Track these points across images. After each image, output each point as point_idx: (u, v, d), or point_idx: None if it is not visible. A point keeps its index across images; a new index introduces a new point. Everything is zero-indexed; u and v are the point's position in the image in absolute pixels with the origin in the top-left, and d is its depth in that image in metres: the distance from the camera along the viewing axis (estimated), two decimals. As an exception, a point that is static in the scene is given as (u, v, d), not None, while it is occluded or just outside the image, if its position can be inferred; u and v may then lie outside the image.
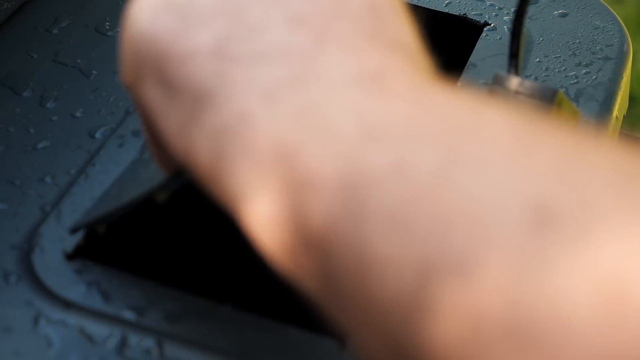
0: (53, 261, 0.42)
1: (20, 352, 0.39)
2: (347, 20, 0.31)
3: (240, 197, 0.29)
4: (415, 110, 0.28)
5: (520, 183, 0.24)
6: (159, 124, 0.32)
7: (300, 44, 0.31)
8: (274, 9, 0.32)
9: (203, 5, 0.32)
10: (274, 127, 0.29)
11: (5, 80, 0.54)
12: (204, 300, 0.41)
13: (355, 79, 0.29)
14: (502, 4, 0.62)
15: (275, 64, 0.30)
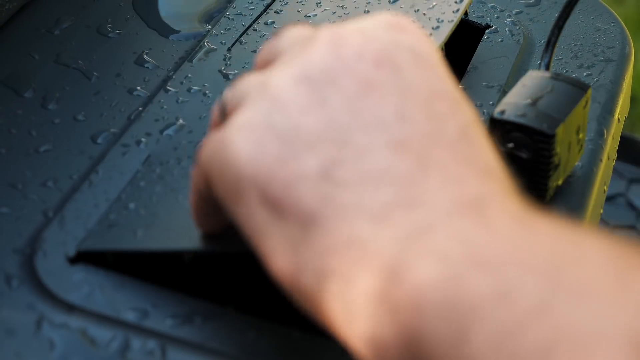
0: (56, 265, 0.42)
1: (23, 355, 0.39)
2: (443, 145, 0.33)
3: (347, 316, 0.31)
4: (517, 240, 0.29)
5: (620, 315, 0.26)
6: (259, 240, 0.33)
7: (404, 168, 0.32)
8: (375, 134, 0.33)
9: (307, 131, 0.33)
10: (383, 249, 0.30)
11: (6, 80, 0.54)
12: (207, 303, 0.41)
13: (458, 206, 0.31)
14: (504, 6, 0.62)
15: (382, 187, 0.32)
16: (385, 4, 0.58)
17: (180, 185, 0.46)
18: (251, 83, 0.37)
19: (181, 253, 0.41)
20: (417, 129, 0.33)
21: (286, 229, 0.32)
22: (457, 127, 0.34)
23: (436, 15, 0.56)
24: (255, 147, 0.33)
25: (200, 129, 0.50)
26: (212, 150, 0.36)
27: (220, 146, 0.35)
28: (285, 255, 0.32)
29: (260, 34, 0.57)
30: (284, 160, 0.33)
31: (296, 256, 0.32)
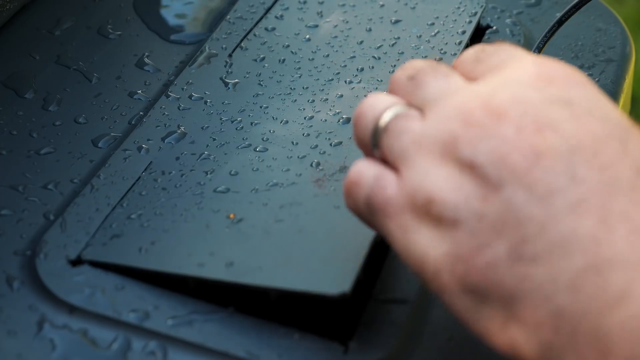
0: (57, 267, 0.43)
1: (24, 356, 0.39)
2: (622, 193, 0.33)
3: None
4: None
5: None
6: (470, 322, 0.35)
7: (588, 230, 0.32)
8: (552, 202, 0.33)
9: (486, 223, 0.34)
10: (588, 317, 0.31)
11: (7, 81, 0.54)
12: (207, 303, 0.41)
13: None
14: (504, 7, 0.62)
15: (570, 255, 0.32)
16: (387, 23, 0.58)
17: (183, 200, 0.46)
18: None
19: (185, 278, 0.42)
20: (591, 184, 0.33)
21: (492, 310, 0.34)
22: (630, 168, 0.33)
23: (439, 44, 0.56)
24: (443, 247, 0.35)
25: (202, 140, 0.50)
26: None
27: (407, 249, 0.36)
28: (500, 333, 0.34)
29: (261, 40, 0.57)
30: (475, 251, 0.34)
31: (509, 332, 0.34)
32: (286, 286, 0.40)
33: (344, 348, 0.40)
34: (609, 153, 0.33)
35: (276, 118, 0.51)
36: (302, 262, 0.41)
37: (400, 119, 0.37)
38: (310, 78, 0.54)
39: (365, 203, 0.37)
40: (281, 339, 0.40)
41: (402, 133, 0.36)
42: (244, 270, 0.41)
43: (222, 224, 0.44)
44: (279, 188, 0.46)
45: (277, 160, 0.48)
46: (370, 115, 0.38)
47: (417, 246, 0.35)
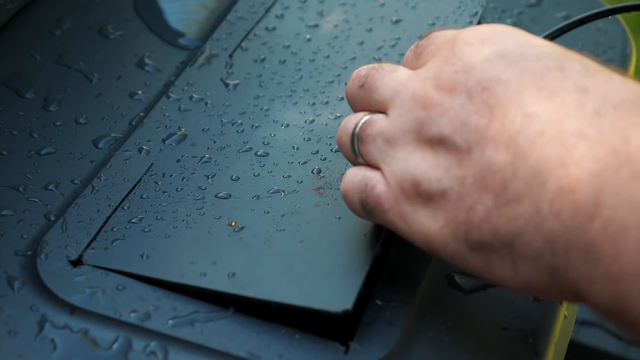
0: (58, 267, 0.43)
1: (25, 356, 0.39)
2: (572, 114, 0.35)
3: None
4: None
5: None
6: (488, 276, 0.38)
7: (552, 156, 0.35)
8: (512, 144, 0.36)
9: (468, 184, 0.37)
10: (575, 232, 0.33)
11: (8, 81, 0.54)
12: (208, 304, 0.41)
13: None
14: (505, 7, 0.62)
15: (544, 183, 0.35)
16: (387, 23, 0.58)
17: (184, 205, 0.46)
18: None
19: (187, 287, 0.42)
20: (544, 116, 0.36)
21: (500, 258, 0.37)
22: (573, 90, 0.36)
23: None
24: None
25: (203, 142, 0.50)
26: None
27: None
28: (514, 277, 0.37)
29: (262, 40, 0.57)
30: (469, 210, 0.37)
31: (520, 272, 0.36)
32: (288, 301, 0.40)
33: (344, 348, 0.40)
34: (550, 83, 0.36)
35: (277, 121, 0.51)
36: (303, 275, 0.41)
37: (368, 126, 0.41)
38: (311, 80, 0.54)
39: (362, 206, 0.41)
40: (282, 339, 0.40)
41: (374, 137, 0.40)
42: (246, 282, 0.41)
43: (223, 232, 0.44)
44: (280, 195, 0.46)
45: (278, 165, 0.48)
46: (345, 134, 0.42)
47: (419, 227, 0.39)
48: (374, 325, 0.41)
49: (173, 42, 0.58)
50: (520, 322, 0.43)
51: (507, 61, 0.37)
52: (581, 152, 0.34)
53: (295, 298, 0.40)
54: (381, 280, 0.43)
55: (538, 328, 0.43)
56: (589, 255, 0.33)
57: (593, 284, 0.33)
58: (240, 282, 0.41)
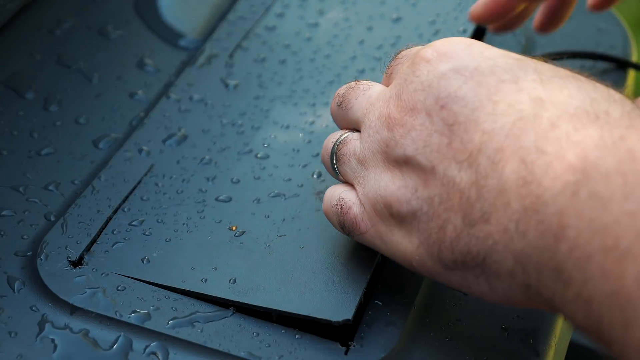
0: (58, 267, 0.43)
1: (26, 356, 0.39)
2: (528, 128, 0.35)
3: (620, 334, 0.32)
4: None
5: None
6: (467, 291, 0.38)
7: (513, 174, 0.35)
8: (473, 163, 0.36)
9: (436, 204, 0.37)
10: (545, 253, 0.33)
11: (8, 81, 0.54)
12: (208, 304, 0.41)
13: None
14: (505, 6, 0.62)
15: (508, 202, 0.35)
16: (388, 22, 0.58)
17: (185, 208, 0.46)
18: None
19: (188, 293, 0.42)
20: (501, 132, 0.36)
21: (475, 276, 0.37)
22: (528, 101, 0.36)
23: None
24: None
25: (203, 143, 0.50)
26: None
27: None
28: (491, 292, 0.37)
29: (262, 39, 0.57)
30: (439, 230, 0.37)
31: (496, 288, 0.36)
32: (288, 310, 0.40)
33: (345, 349, 0.40)
34: (505, 98, 0.36)
35: (277, 122, 0.51)
36: (304, 283, 0.41)
37: (343, 146, 0.42)
38: (311, 80, 0.54)
39: (341, 227, 0.41)
40: (282, 340, 0.40)
41: (348, 157, 0.41)
42: (247, 289, 0.41)
43: (224, 236, 0.44)
44: (281, 199, 0.46)
45: (279, 168, 0.48)
46: (326, 153, 0.43)
47: (396, 246, 0.39)
48: (375, 325, 0.41)
49: (173, 42, 0.58)
50: (520, 322, 0.43)
51: (462, 77, 0.37)
52: (541, 170, 0.33)
53: (295, 307, 0.40)
54: (381, 280, 0.43)
55: (538, 328, 0.43)
56: (560, 277, 0.33)
57: (566, 304, 0.33)
58: (241, 289, 0.41)
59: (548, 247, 0.33)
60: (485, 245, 0.35)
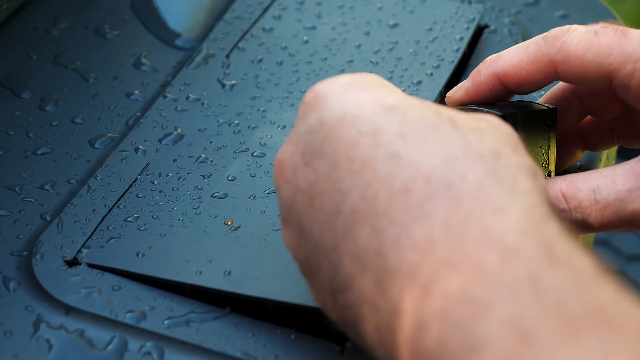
0: (53, 267, 0.43)
1: (21, 356, 0.39)
2: (382, 191, 0.33)
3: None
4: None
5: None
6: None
7: (365, 242, 0.33)
8: (331, 225, 0.34)
9: (304, 267, 0.37)
10: (389, 335, 0.32)
11: (4, 81, 0.54)
12: (204, 304, 0.41)
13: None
14: (503, 6, 0.62)
15: (364, 272, 0.33)
16: (385, 28, 0.58)
17: (180, 204, 0.46)
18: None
19: (183, 285, 0.42)
20: (355, 193, 0.34)
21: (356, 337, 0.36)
22: (384, 161, 0.33)
23: (437, 51, 0.56)
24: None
25: (199, 142, 0.50)
26: None
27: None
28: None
29: (259, 40, 0.57)
30: (314, 291, 0.37)
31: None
32: (284, 299, 0.40)
33: (340, 348, 0.40)
34: (361, 154, 0.33)
35: (274, 122, 0.51)
36: (299, 274, 0.41)
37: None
38: (308, 82, 0.54)
39: None
40: (278, 339, 0.40)
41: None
42: (242, 280, 0.41)
43: (219, 231, 0.44)
44: (276, 196, 0.46)
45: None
46: None
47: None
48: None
49: (170, 42, 0.58)
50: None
51: (326, 128, 0.35)
52: (389, 243, 0.32)
53: (290, 296, 0.40)
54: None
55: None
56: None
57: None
58: (236, 280, 0.41)
59: (390, 328, 0.32)
60: (348, 314, 0.34)
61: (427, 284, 0.30)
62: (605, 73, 0.41)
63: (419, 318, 0.30)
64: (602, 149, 0.48)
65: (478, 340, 0.28)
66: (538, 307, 0.29)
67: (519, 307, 0.29)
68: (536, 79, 0.43)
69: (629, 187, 0.40)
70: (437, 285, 0.30)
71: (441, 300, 0.30)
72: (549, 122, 0.45)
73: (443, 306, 0.30)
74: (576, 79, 0.42)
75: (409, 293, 0.31)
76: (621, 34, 0.41)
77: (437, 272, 0.30)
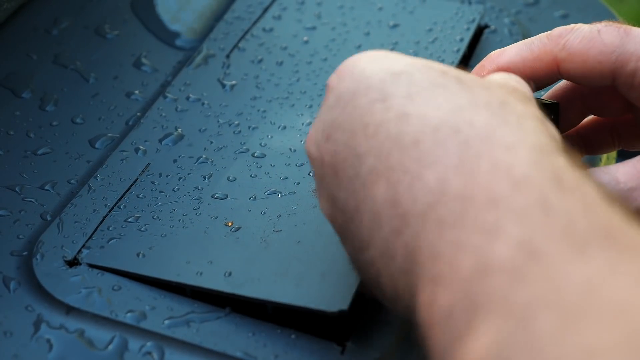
0: (53, 267, 0.43)
1: (21, 356, 0.39)
2: (396, 149, 0.34)
3: None
4: None
5: None
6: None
7: (383, 196, 0.34)
8: (350, 185, 0.36)
9: (338, 226, 0.38)
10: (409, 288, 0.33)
11: (4, 81, 0.54)
12: (204, 304, 0.41)
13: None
14: (503, 6, 0.62)
15: (380, 225, 0.35)
16: (386, 28, 0.58)
17: (181, 205, 0.46)
18: None
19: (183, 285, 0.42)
20: (372, 153, 0.35)
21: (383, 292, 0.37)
22: (395, 125, 0.35)
23: (437, 51, 0.56)
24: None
25: (200, 143, 0.50)
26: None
27: None
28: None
29: (259, 41, 0.57)
30: (346, 246, 0.38)
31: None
32: (284, 301, 0.40)
33: (341, 348, 0.40)
34: (374, 119, 0.35)
35: (274, 123, 0.51)
36: (300, 276, 0.41)
37: None
38: (308, 82, 0.54)
39: None
40: (278, 340, 0.40)
41: None
42: (242, 281, 0.41)
43: (220, 232, 0.44)
44: (277, 197, 0.46)
45: (275, 167, 0.48)
46: None
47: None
48: (371, 325, 0.41)
49: (170, 42, 0.58)
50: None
51: (343, 102, 0.37)
52: (404, 190, 0.33)
53: (291, 298, 0.40)
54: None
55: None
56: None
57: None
58: (236, 281, 0.41)
59: (411, 271, 0.33)
60: (372, 271, 0.35)
61: (441, 220, 0.32)
62: (608, 71, 0.41)
63: (433, 250, 0.32)
64: (602, 151, 0.48)
65: (489, 261, 0.30)
66: (546, 227, 0.30)
67: (528, 228, 0.30)
68: (539, 76, 0.43)
69: (631, 186, 0.40)
70: (450, 219, 0.32)
71: (454, 232, 0.31)
72: (552, 116, 0.45)
73: (456, 237, 0.31)
74: (579, 77, 0.43)
75: (424, 231, 0.32)
76: (624, 33, 0.41)
77: (450, 208, 0.32)
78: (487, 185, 0.31)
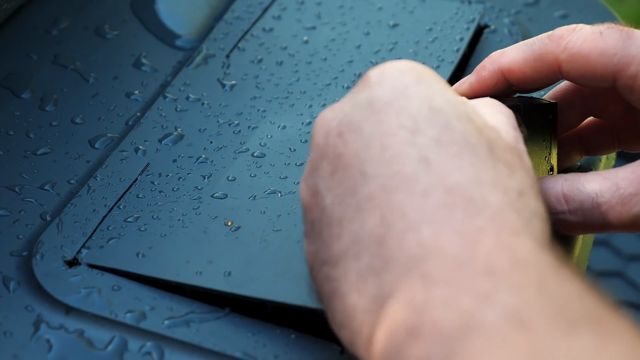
0: (53, 267, 0.43)
1: (21, 357, 0.39)
2: (402, 187, 0.34)
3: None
4: None
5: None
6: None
7: (372, 229, 0.34)
8: (344, 201, 0.35)
9: (314, 226, 0.37)
10: (369, 320, 0.33)
11: (4, 81, 0.54)
12: (204, 304, 0.41)
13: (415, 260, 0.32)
14: (503, 6, 0.62)
15: (359, 255, 0.34)
16: (385, 27, 0.58)
17: (180, 205, 0.46)
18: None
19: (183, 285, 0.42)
20: (377, 181, 0.34)
21: (329, 307, 0.36)
22: (415, 158, 0.34)
23: (437, 51, 0.56)
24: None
25: (199, 143, 0.50)
26: None
27: None
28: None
29: (259, 41, 0.57)
30: (308, 249, 0.37)
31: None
32: (284, 300, 0.40)
33: (341, 348, 0.40)
34: (395, 146, 0.34)
35: (274, 122, 0.51)
36: (299, 275, 0.41)
37: None
38: (308, 82, 0.54)
39: None
40: (278, 340, 0.40)
41: None
42: (242, 281, 0.41)
43: (220, 231, 0.44)
44: (277, 196, 0.46)
45: (275, 166, 0.48)
46: None
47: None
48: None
49: (170, 42, 0.58)
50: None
51: (371, 108, 0.36)
52: (395, 236, 0.33)
53: (290, 297, 0.40)
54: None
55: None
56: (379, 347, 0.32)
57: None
58: (236, 281, 0.41)
59: (374, 313, 0.32)
60: (326, 286, 0.35)
61: (427, 275, 0.31)
62: (610, 74, 0.41)
63: (413, 302, 0.31)
64: (602, 153, 0.48)
65: (477, 323, 0.29)
66: (540, 303, 0.30)
67: (522, 301, 0.30)
68: (540, 76, 0.43)
69: (631, 192, 0.40)
70: (438, 276, 0.31)
71: (442, 289, 0.31)
72: (550, 116, 0.45)
73: (443, 294, 0.30)
74: (580, 79, 0.42)
75: (406, 281, 0.32)
76: (626, 35, 0.41)
77: (440, 266, 0.31)
78: (486, 256, 0.31)
